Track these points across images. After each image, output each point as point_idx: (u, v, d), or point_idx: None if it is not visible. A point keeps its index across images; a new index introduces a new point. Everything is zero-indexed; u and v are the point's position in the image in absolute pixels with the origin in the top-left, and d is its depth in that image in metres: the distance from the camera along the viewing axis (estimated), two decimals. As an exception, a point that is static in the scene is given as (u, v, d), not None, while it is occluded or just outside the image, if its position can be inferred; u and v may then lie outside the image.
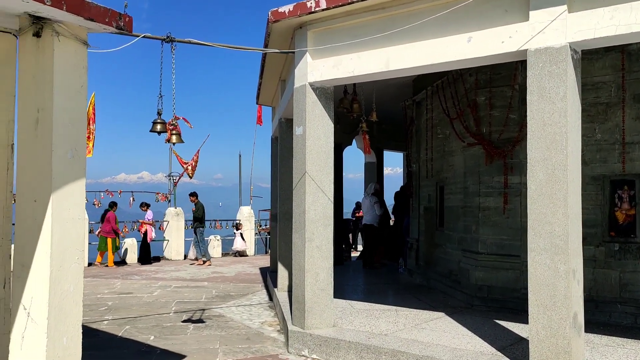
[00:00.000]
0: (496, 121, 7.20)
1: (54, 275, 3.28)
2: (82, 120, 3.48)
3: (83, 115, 3.49)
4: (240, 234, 16.79)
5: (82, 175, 3.47)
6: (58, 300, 3.31)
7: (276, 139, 10.39)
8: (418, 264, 9.87)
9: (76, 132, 3.44)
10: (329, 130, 6.04)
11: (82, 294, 3.54)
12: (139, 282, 10.96)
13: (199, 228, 14.36)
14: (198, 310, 7.97)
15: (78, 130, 3.45)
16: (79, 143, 3.46)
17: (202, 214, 14.41)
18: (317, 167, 5.93)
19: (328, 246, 6.03)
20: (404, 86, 10.31)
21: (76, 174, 3.43)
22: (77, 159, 3.43)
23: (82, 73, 3.46)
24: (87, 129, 13.11)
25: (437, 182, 9.04)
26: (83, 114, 3.48)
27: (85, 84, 3.48)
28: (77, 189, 3.44)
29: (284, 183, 8.52)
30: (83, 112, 3.49)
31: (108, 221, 13.56)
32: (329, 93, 6.04)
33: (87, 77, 3.49)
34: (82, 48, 3.46)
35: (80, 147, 3.46)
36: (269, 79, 8.68)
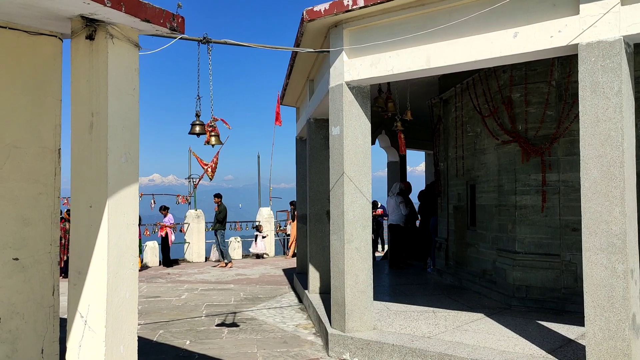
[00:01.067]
0: (532, 118, 7.06)
1: (111, 282, 3.21)
2: (135, 124, 3.41)
3: (136, 119, 3.43)
4: (263, 236, 16.69)
5: (135, 180, 3.40)
6: (115, 308, 3.24)
7: (301, 139, 10.31)
8: (448, 264, 9.74)
9: (130, 136, 3.38)
10: (366, 130, 5.94)
11: (137, 300, 3.47)
12: (165, 285, 10.93)
13: (220, 230, 14.32)
14: (229, 314, 7.91)
15: (131, 134, 3.39)
16: (132, 147, 3.40)
17: (224, 216, 14.38)
18: (355, 167, 5.84)
19: (367, 247, 5.94)
20: (429, 84, 10.19)
21: (130, 178, 3.36)
22: (130, 163, 3.37)
23: (134, 75, 3.39)
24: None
25: (468, 180, 8.91)
26: (136, 117, 3.42)
27: (137, 87, 3.41)
28: (131, 194, 3.38)
29: (314, 184, 8.43)
30: (136, 115, 3.43)
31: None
32: (366, 92, 5.95)
33: (138, 79, 3.43)
34: (134, 50, 3.40)
35: (133, 151, 3.40)
36: (296, 80, 8.60)
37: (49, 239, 3.70)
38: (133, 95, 3.40)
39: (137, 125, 3.42)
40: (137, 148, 3.44)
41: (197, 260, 15.73)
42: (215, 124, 5.42)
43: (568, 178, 6.77)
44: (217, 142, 5.43)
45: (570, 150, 6.76)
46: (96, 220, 3.21)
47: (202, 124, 5.36)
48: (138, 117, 3.42)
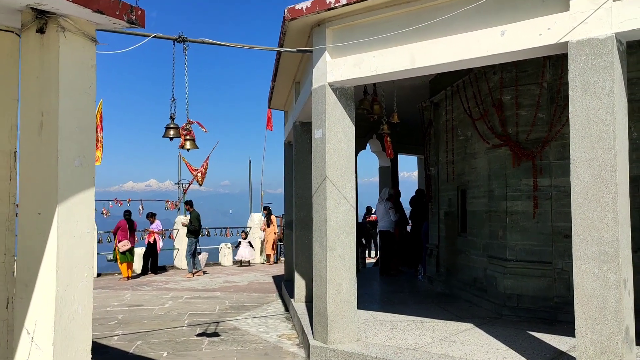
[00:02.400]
0: (523, 121, 6.85)
1: (60, 295, 2.96)
2: (90, 125, 3.17)
3: (92, 119, 3.19)
4: (249, 242, 16.27)
5: (90, 185, 3.16)
6: (65, 323, 2.99)
7: (289, 144, 10.08)
8: (438, 271, 9.50)
9: (84, 138, 3.13)
10: (350, 132, 5.71)
11: (92, 314, 3.22)
12: (150, 293, 10.65)
13: (190, 238, 13.86)
14: (212, 323, 7.64)
15: (87, 136, 3.15)
16: (88, 149, 3.15)
17: (197, 224, 13.79)
18: (338, 171, 5.60)
19: (351, 255, 5.69)
20: (420, 87, 9.98)
21: (84, 183, 3.12)
22: (85, 167, 3.12)
23: (90, 73, 3.16)
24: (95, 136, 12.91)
25: (459, 185, 8.69)
26: (92, 118, 3.17)
27: (94, 85, 3.17)
28: (86, 200, 3.13)
29: (300, 189, 8.20)
30: (92, 116, 3.18)
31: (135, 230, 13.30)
32: (350, 93, 5.72)
33: (95, 77, 3.19)
34: (90, 45, 3.16)
35: (88, 154, 3.15)
36: (282, 82, 8.38)
37: (3, 248, 3.45)
38: (89, 94, 3.16)
39: (92, 126, 3.18)
40: (93, 151, 3.20)
41: (186, 267, 15.41)
42: (191, 127, 5.19)
43: (560, 183, 6.55)
44: (193, 147, 5.19)
45: (562, 154, 6.55)
46: (45, 228, 2.96)
47: (177, 127, 5.13)
48: (94, 117, 3.17)
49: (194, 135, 5.16)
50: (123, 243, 12.83)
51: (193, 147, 5.18)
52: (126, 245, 12.85)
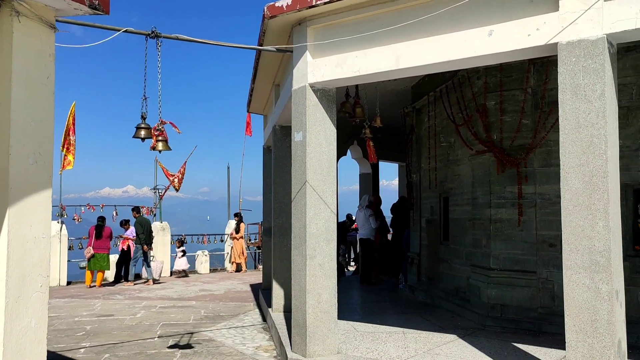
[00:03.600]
0: (508, 127, 6.72)
1: (10, 307, 2.67)
2: (47, 119, 2.89)
3: (50, 114, 2.91)
4: (183, 251, 15.40)
5: (47, 185, 2.87)
6: (16, 339, 2.69)
7: (269, 149, 9.82)
8: (420, 280, 9.31)
9: (41, 133, 2.85)
10: (331, 136, 5.49)
11: (46, 328, 2.92)
12: (122, 303, 10.24)
13: (136, 245, 13.49)
14: (186, 334, 7.31)
15: (43, 131, 2.87)
16: (45, 146, 2.87)
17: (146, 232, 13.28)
18: (318, 176, 5.37)
19: (331, 264, 5.46)
20: (402, 93, 9.86)
21: (40, 183, 2.83)
22: (41, 166, 2.84)
23: (48, 62, 2.88)
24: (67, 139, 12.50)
25: (441, 193, 8.53)
26: (49, 111, 2.89)
27: (52, 75, 2.89)
28: (42, 202, 2.84)
29: (279, 195, 7.95)
30: (50, 110, 2.90)
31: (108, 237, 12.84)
32: (332, 95, 5.51)
33: (54, 67, 2.91)
34: (49, 32, 2.89)
35: (45, 152, 2.87)
36: (261, 84, 8.14)
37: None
38: (47, 85, 2.88)
39: (50, 120, 2.90)
40: (50, 147, 2.91)
41: (162, 275, 15.00)
42: (163, 127, 4.92)
43: (545, 191, 6.43)
44: (165, 148, 4.92)
45: (547, 161, 6.43)
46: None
47: (149, 127, 4.85)
48: (53, 111, 2.89)
49: (166, 136, 4.89)
50: (87, 249, 12.44)
51: (165, 148, 4.90)
52: (89, 252, 12.45)
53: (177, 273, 15.33)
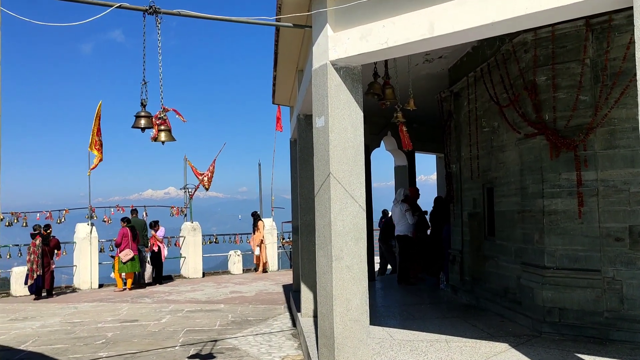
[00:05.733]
0: (562, 105, 5.88)
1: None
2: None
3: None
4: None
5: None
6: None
7: (295, 142, 9.21)
8: (463, 280, 8.53)
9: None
10: (357, 120, 4.81)
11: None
12: (149, 306, 9.85)
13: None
14: (209, 342, 6.79)
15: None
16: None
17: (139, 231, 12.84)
18: (344, 166, 4.71)
19: (361, 265, 4.78)
20: (437, 77, 9.07)
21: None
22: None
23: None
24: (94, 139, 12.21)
25: (484, 183, 7.72)
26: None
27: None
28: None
29: (305, 190, 7.32)
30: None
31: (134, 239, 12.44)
32: (356, 74, 4.82)
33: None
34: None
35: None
36: (284, 71, 7.53)
37: None
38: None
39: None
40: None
41: (193, 276, 14.66)
42: (166, 115, 4.35)
43: (609, 176, 5.58)
44: (168, 139, 4.35)
45: (610, 142, 5.57)
46: None
47: (149, 115, 4.29)
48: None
49: (169, 124, 4.32)
50: (125, 252, 12.06)
51: (169, 139, 4.34)
52: (128, 255, 12.07)
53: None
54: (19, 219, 12.83)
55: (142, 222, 13.27)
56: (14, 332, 7.84)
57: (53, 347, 6.78)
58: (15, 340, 7.25)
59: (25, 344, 7.01)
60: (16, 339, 7.35)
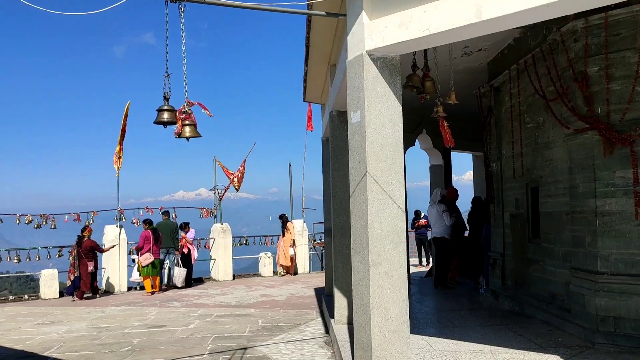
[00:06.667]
0: (617, 97, 5.42)
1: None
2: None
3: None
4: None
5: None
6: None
7: (327, 140, 8.91)
8: (505, 284, 8.07)
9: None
10: (395, 114, 4.47)
11: None
12: (177, 311, 9.67)
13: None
14: (238, 350, 6.52)
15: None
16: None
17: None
18: (381, 164, 4.38)
19: (400, 272, 4.44)
20: (476, 71, 8.65)
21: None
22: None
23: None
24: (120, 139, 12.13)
25: (528, 182, 7.26)
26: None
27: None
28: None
29: (338, 190, 6.99)
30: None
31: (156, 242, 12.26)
32: (395, 65, 4.48)
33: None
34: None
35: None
36: (316, 66, 7.22)
37: None
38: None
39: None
40: None
41: (223, 279, 14.48)
42: (191, 109, 4.09)
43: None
44: (193, 134, 4.09)
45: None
46: None
47: (172, 109, 4.04)
48: None
49: (194, 119, 4.06)
50: (145, 256, 11.90)
51: (194, 134, 4.08)
52: (148, 259, 11.91)
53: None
54: (47, 221, 12.85)
55: (173, 224, 13.13)
56: (40, 337, 7.73)
57: (78, 354, 6.61)
58: (41, 346, 7.12)
59: (50, 350, 6.87)
60: (42, 344, 7.22)
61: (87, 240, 11.80)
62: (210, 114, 4.18)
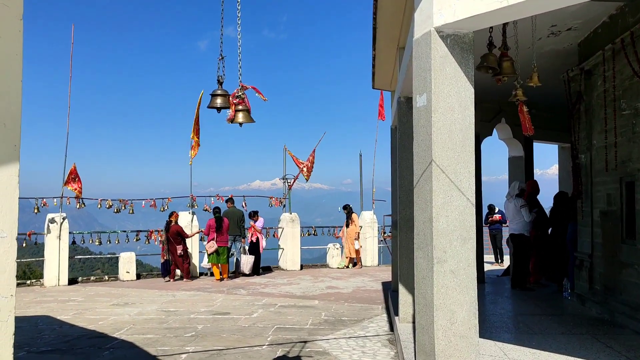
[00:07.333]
0: None
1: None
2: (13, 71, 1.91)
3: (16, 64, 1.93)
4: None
5: (9, 161, 1.90)
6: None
7: (395, 129, 8.48)
8: (592, 289, 7.31)
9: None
10: (466, 97, 4.01)
11: None
12: (243, 299, 9.66)
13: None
14: (298, 343, 6.32)
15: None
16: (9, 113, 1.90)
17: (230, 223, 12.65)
18: (449, 152, 3.95)
19: (469, 271, 4.00)
20: (563, 54, 7.86)
21: None
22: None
23: None
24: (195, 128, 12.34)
25: (622, 176, 6.48)
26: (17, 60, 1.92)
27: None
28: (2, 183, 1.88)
29: (405, 181, 6.59)
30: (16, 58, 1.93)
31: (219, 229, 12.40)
32: (467, 42, 4.02)
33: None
34: None
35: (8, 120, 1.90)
36: (384, 49, 6.83)
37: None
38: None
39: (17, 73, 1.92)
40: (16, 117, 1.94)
41: (291, 268, 14.45)
42: (245, 93, 3.86)
43: None
44: (247, 120, 3.87)
45: None
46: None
47: (226, 94, 3.83)
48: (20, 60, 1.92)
49: (248, 104, 3.84)
50: (210, 244, 12.09)
51: (247, 120, 3.85)
52: (212, 247, 12.08)
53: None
54: (125, 206, 13.35)
55: (240, 212, 13.22)
56: (113, 317, 7.96)
57: (144, 337, 6.70)
58: (112, 327, 7.31)
59: (120, 331, 7.02)
60: (113, 325, 7.41)
61: (174, 225, 12.24)
62: (264, 98, 3.94)
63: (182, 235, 12.29)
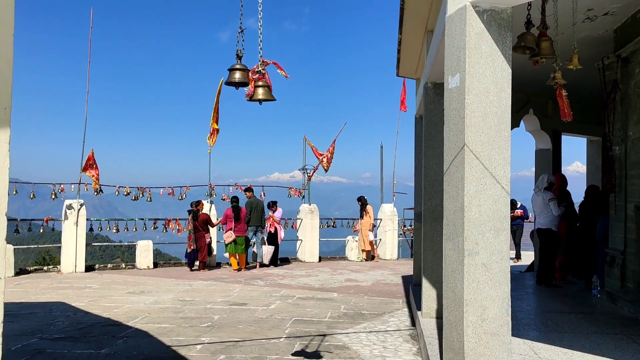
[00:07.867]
0: None
1: None
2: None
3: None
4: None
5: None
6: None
7: (420, 118, 8.20)
8: (624, 287, 6.97)
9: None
10: (503, 78, 3.74)
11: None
12: (260, 289, 9.50)
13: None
14: (317, 336, 6.12)
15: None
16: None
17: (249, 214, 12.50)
18: (483, 137, 3.69)
19: (502, 264, 3.75)
20: (599, 40, 7.49)
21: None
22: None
23: None
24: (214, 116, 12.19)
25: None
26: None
27: None
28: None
29: (431, 171, 6.32)
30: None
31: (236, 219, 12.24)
32: (505, 18, 3.75)
33: None
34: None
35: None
36: (411, 32, 6.55)
37: None
38: None
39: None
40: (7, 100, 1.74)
41: (309, 260, 14.27)
42: (265, 69, 3.64)
43: None
44: (267, 97, 3.65)
45: None
46: None
47: (245, 69, 3.62)
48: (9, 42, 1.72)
49: (269, 80, 3.62)
50: (227, 234, 11.95)
51: (267, 97, 3.63)
52: (230, 237, 11.93)
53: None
54: (144, 193, 13.27)
55: (259, 202, 13.05)
56: (128, 306, 7.85)
57: (159, 326, 6.57)
58: (127, 315, 7.19)
59: (135, 320, 6.90)
60: (128, 313, 7.29)
61: (202, 214, 12.18)
62: (286, 75, 3.71)
63: (209, 224, 12.25)
